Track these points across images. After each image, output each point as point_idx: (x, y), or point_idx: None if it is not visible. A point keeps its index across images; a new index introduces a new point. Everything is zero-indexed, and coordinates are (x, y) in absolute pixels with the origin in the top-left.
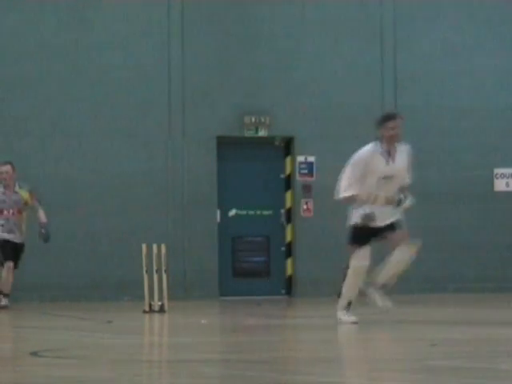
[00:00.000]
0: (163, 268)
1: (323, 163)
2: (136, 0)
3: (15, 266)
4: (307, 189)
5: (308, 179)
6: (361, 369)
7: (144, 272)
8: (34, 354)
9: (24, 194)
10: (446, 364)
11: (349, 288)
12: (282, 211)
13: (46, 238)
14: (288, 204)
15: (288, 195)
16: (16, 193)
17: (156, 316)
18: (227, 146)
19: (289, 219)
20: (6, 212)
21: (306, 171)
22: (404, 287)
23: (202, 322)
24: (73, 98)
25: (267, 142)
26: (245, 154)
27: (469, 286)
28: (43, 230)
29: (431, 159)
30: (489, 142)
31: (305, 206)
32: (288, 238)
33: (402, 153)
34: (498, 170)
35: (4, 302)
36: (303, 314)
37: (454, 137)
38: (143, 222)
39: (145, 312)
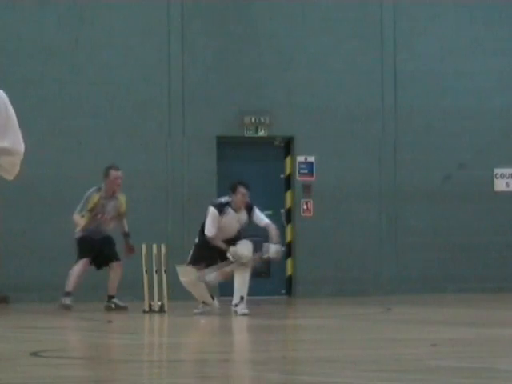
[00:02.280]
0: (163, 268)
1: (323, 163)
2: (136, 0)
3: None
4: (307, 189)
5: (308, 179)
6: (361, 369)
7: (144, 272)
8: (34, 354)
9: (123, 201)
10: (446, 364)
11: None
12: (282, 211)
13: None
14: (288, 204)
15: (288, 195)
16: (116, 198)
17: (156, 316)
18: (227, 145)
19: (289, 219)
20: (99, 215)
21: (306, 171)
22: (404, 287)
23: (202, 322)
24: (73, 98)
25: (267, 142)
26: (245, 154)
27: (469, 286)
28: (130, 241)
29: (431, 159)
30: (489, 142)
31: (305, 206)
32: (288, 238)
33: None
34: (497, 170)
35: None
36: (303, 314)
37: (454, 137)
38: (143, 222)
39: (145, 312)
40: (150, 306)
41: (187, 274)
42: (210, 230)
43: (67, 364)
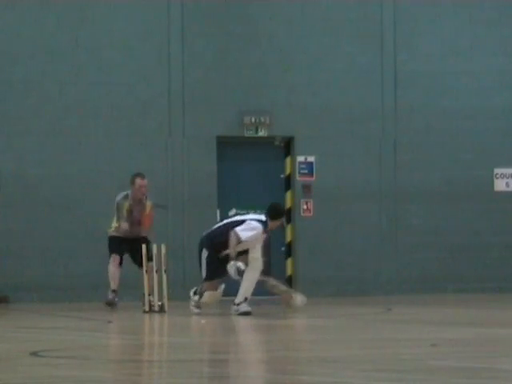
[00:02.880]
0: (163, 268)
1: (323, 163)
2: (136, 0)
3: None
4: (307, 189)
5: (308, 179)
6: (361, 369)
7: (144, 272)
8: (34, 354)
9: (148, 207)
10: (446, 364)
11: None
12: None
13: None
14: (288, 204)
15: (288, 195)
16: (143, 204)
17: (156, 316)
18: (227, 145)
19: (289, 219)
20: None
21: (306, 171)
22: (404, 287)
23: (202, 322)
24: (73, 98)
25: (267, 142)
26: (245, 154)
27: (469, 286)
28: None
29: (431, 159)
30: (489, 141)
31: (305, 206)
32: (288, 238)
33: None
34: (497, 170)
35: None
36: (303, 314)
37: (454, 137)
38: None
39: (145, 312)
40: (150, 305)
41: (214, 298)
42: (245, 238)
43: (67, 364)
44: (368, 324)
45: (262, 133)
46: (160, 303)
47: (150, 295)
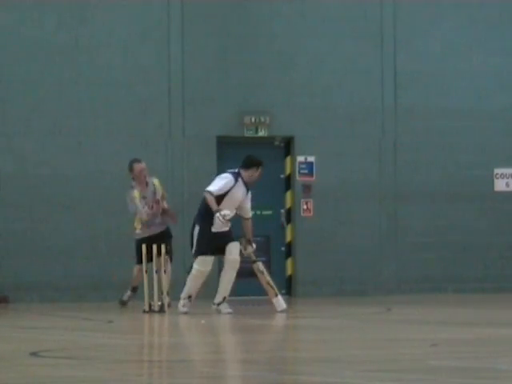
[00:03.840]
0: (163, 268)
1: (323, 163)
2: (136, 0)
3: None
4: (307, 189)
5: (308, 179)
6: (361, 369)
7: (144, 272)
8: (34, 354)
9: (157, 184)
10: (446, 364)
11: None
12: (282, 211)
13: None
14: (288, 204)
15: (288, 195)
16: (151, 184)
17: (156, 316)
18: (227, 145)
19: (289, 219)
20: (147, 209)
21: (306, 171)
22: (404, 287)
23: (202, 322)
24: (73, 97)
25: (267, 142)
26: (245, 154)
27: (469, 286)
28: (169, 215)
29: (431, 159)
30: (489, 141)
31: (305, 206)
32: (288, 238)
33: None
34: (497, 170)
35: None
36: (303, 314)
37: (454, 137)
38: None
39: (145, 312)
40: (150, 305)
41: (206, 265)
42: (215, 189)
43: (67, 364)
44: (368, 324)
45: (262, 133)
46: (160, 303)
47: (163, 294)
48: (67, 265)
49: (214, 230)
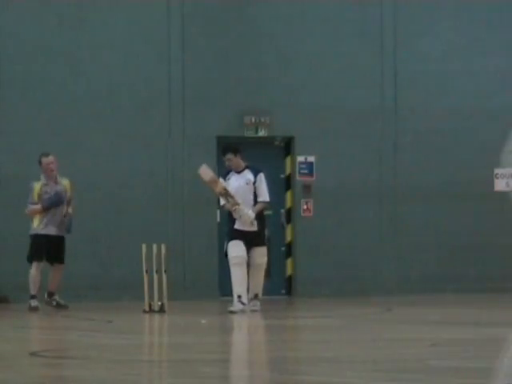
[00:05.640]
0: (163, 268)
1: (323, 163)
2: (136, 0)
3: (59, 261)
4: (307, 189)
5: (308, 179)
6: (361, 369)
7: (144, 272)
8: (34, 354)
9: (67, 185)
10: (446, 364)
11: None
12: (282, 211)
13: (68, 229)
14: (288, 204)
15: (288, 195)
16: (58, 184)
17: (156, 316)
18: None
19: (289, 219)
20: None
21: (306, 171)
22: (404, 287)
23: (202, 322)
24: (73, 98)
25: (267, 142)
26: (245, 153)
27: (469, 286)
28: (66, 220)
29: (431, 159)
30: (489, 141)
31: (305, 206)
32: (288, 238)
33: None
34: (498, 170)
35: (33, 303)
36: (303, 314)
37: (454, 137)
38: (143, 222)
39: (145, 312)
40: (150, 305)
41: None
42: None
43: (67, 364)
44: (368, 324)
45: (262, 133)
46: (160, 303)
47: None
48: (67, 265)
49: (236, 226)
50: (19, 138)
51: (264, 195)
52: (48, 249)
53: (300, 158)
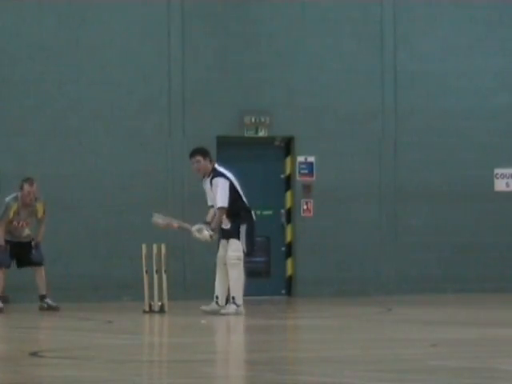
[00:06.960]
0: (163, 268)
1: (323, 163)
2: (136, 0)
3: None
4: (307, 189)
5: (308, 179)
6: (361, 369)
7: (144, 272)
8: (34, 354)
9: (40, 208)
10: (446, 364)
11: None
12: (282, 211)
13: (38, 259)
14: (288, 204)
15: (288, 195)
16: (33, 206)
17: (156, 316)
18: (227, 146)
19: (289, 219)
20: (15, 223)
21: (306, 171)
22: (404, 287)
23: (202, 322)
24: (73, 97)
25: (267, 141)
26: (245, 153)
27: (469, 286)
28: (35, 252)
29: (431, 159)
30: (489, 141)
31: (305, 206)
32: (288, 238)
33: None
34: (497, 170)
35: None
36: (303, 314)
37: (454, 137)
38: (143, 222)
39: (145, 312)
40: (150, 306)
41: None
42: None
43: (67, 364)
44: (368, 324)
45: (262, 133)
46: (160, 303)
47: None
48: (67, 265)
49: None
50: (19, 138)
51: (219, 201)
52: (17, 254)
53: (300, 158)
